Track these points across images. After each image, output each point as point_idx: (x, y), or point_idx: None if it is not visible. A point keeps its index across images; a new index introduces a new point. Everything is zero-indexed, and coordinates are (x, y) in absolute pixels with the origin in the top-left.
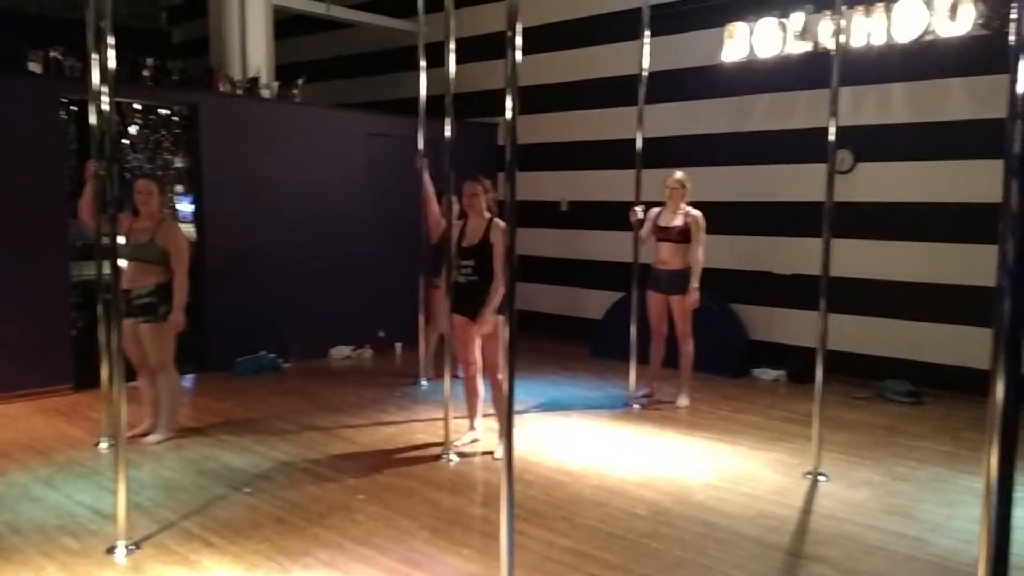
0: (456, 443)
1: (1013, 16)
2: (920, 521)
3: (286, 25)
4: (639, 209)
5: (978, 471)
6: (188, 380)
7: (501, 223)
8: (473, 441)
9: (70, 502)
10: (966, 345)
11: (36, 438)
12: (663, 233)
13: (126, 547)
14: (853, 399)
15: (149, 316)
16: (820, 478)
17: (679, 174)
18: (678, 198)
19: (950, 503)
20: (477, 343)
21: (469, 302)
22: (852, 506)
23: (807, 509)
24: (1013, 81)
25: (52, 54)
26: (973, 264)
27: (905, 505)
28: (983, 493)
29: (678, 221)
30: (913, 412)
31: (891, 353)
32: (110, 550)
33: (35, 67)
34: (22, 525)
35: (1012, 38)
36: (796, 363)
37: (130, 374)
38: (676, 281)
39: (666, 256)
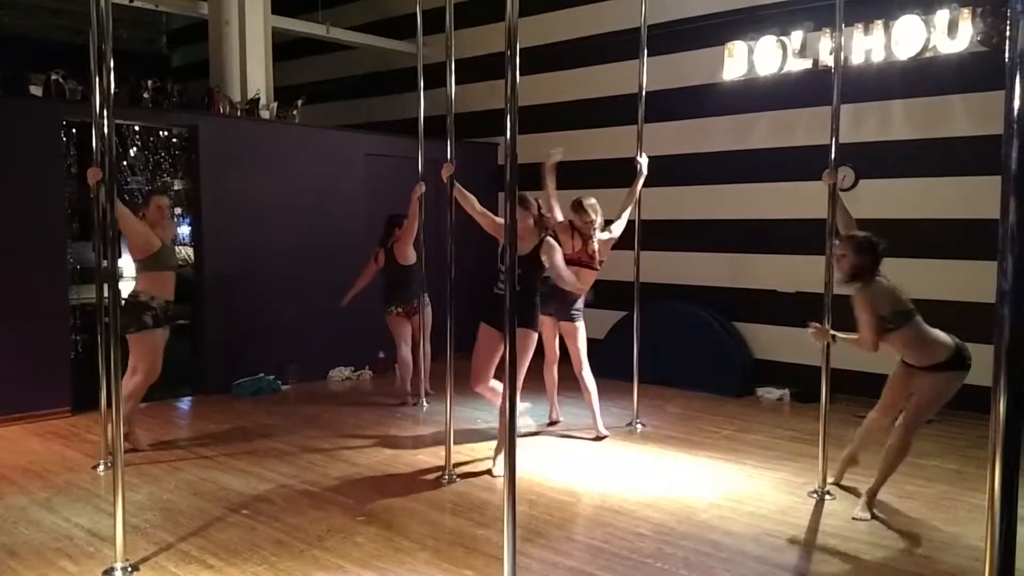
0: (493, 471)
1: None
2: (927, 540)
3: (285, 47)
4: (643, 160)
5: (985, 489)
6: (186, 402)
7: (553, 241)
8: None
9: (68, 525)
10: (972, 363)
11: (34, 461)
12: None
13: (123, 569)
14: (859, 418)
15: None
16: (826, 497)
17: None
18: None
19: (957, 521)
20: (497, 359)
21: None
22: (858, 525)
23: (813, 528)
24: (1009, 99)
25: (53, 77)
26: (977, 280)
27: (912, 524)
28: (986, 508)
29: None
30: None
31: None
32: (107, 572)
33: (36, 90)
34: (19, 548)
35: (1007, 55)
36: (801, 382)
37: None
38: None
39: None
